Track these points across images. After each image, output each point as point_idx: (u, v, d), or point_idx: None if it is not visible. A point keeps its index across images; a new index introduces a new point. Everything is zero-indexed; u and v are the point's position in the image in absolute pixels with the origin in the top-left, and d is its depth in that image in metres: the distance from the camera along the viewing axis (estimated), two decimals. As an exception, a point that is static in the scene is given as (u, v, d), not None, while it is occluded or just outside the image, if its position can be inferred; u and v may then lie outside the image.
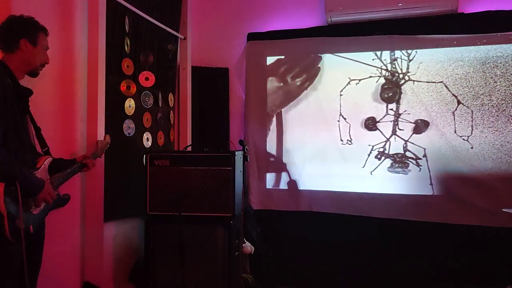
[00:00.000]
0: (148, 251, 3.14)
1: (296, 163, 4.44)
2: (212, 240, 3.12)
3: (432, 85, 4.04)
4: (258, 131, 4.53)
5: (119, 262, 3.43)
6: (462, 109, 3.95)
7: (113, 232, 3.38)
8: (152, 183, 3.19)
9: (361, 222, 4.13)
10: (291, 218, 4.37)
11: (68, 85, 2.93)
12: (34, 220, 2.14)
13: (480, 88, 3.91)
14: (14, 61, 2.17)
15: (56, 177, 2.31)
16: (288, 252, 4.32)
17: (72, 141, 2.97)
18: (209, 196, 3.13)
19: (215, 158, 3.16)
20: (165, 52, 4.06)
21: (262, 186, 4.49)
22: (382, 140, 4.17)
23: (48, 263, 2.40)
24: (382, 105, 4.19)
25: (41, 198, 2.15)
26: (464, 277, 3.74)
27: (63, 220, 2.75)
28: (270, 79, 4.53)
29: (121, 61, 3.40)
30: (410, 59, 4.12)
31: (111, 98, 3.25)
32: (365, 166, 4.21)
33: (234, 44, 4.67)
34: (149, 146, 3.70)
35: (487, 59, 3.89)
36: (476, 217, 3.81)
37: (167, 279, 3.10)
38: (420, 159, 4.05)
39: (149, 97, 3.69)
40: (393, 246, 4.04)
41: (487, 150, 3.87)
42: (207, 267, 3.10)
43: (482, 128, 3.89)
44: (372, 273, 4.06)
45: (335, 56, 4.34)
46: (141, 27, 3.67)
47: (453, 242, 3.90)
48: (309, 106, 4.41)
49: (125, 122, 3.43)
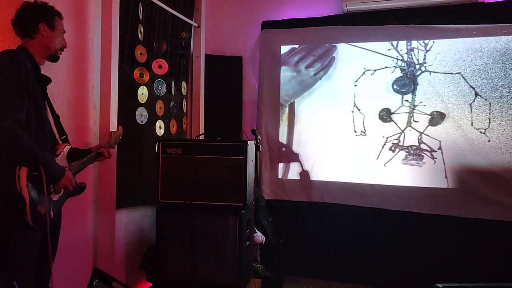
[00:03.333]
0: (160, 238, 3.15)
1: (308, 154, 4.41)
2: (223, 229, 3.11)
3: (449, 76, 3.96)
4: (271, 120, 4.50)
5: (130, 249, 3.46)
6: (480, 101, 3.87)
7: (125, 219, 3.41)
8: (164, 171, 3.18)
9: (374, 214, 4.12)
10: (302, 208, 4.37)
11: (81, 73, 2.92)
12: (53, 207, 2.16)
13: (499, 80, 3.82)
14: (34, 46, 2.18)
15: (74, 165, 2.32)
16: (299, 242, 4.32)
17: (85, 128, 2.97)
18: (221, 185, 3.11)
19: (228, 147, 3.13)
20: (179, 40, 4.03)
21: (274, 176, 4.48)
22: (397, 132, 4.12)
23: (62, 248, 2.42)
24: (397, 96, 4.12)
25: (62, 185, 2.17)
26: (476, 271, 3.70)
27: (76, 207, 2.76)
28: (284, 68, 4.49)
29: (134, 48, 3.39)
30: (427, 49, 4.04)
31: (124, 85, 3.24)
32: (379, 158, 4.16)
33: (248, 32, 4.64)
34: (161, 134, 3.70)
35: (507, 50, 3.80)
36: (492, 212, 3.76)
37: (178, 266, 3.10)
38: (435, 151, 4.00)
39: (162, 85, 3.68)
40: (405, 239, 4.02)
41: (504, 143, 3.80)
42: (218, 255, 3.10)
43: (500, 121, 3.82)
44: (382, 265, 4.05)
45: (350, 46, 4.28)
46: (154, 14, 3.65)
47: (466, 236, 3.86)
48: (322, 96, 4.37)
49: (137, 110, 3.42)
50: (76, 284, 2.88)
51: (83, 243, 2.98)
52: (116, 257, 3.19)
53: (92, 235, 3.06)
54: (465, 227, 3.85)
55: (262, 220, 3.98)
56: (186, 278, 3.03)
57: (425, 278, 3.29)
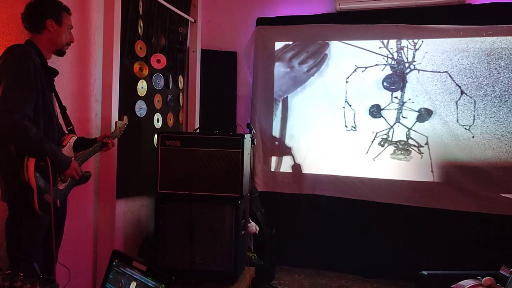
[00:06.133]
0: (158, 227, 3.25)
1: (300, 148, 4.55)
2: (220, 219, 3.22)
3: (436, 75, 4.12)
4: (264, 115, 4.62)
5: (129, 237, 3.57)
6: (465, 99, 4.04)
7: (124, 209, 3.51)
8: (163, 162, 3.27)
9: (363, 206, 4.27)
10: (294, 200, 4.50)
11: (84, 67, 3.00)
12: (60, 195, 2.26)
13: (484, 79, 3.99)
14: (41, 41, 2.25)
15: (80, 155, 2.41)
16: (290, 232, 4.47)
17: (87, 120, 3.05)
18: (218, 176, 3.22)
19: (225, 140, 3.24)
20: (176, 34, 4.12)
21: (267, 168, 4.60)
22: (386, 128, 4.27)
23: (64, 236, 2.51)
24: (387, 93, 4.27)
25: (68, 174, 2.26)
26: (459, 260, 3.88)
27: (78, 196, 2.85)
28: (278, 64, 4.61)
29: (134, 43, 3.47)
30: (416, 48, 4.19)
31: (125, 79, 3.32)
32: (368, 152, 4.32)
33: (243, 28, 4.73)
34: (159, 126, 3.80)
35: (492, 51, 3.96)
36: (475, 204, 3.94)
37: (176, 255, 3.21)
38: (422, 146, 4.16)
39: (160, 79, 3.77)
40: (392, 230, 4.18)
41: (488, 140, 3.98)
42: (214, 244, 3.21)
43: (484, 118, 3.99)
44: (371, 255, 4.21)
45: (343, 44, 4.41)
46: (153, 9, 3.73)
47: (451, 227, 4.04)
48: (315, 92, 4.49)
49: (137, 103, 3.51)
50: (77, 271, 2.99)
51: (85, 231, 3.08)
52: (115, 245, 3.29)
53: (93, 223, 3.16)
54: (449, 219, 4.03)
55: (255, 211, 4.11)
56: (184, 266, 3.14)
57: (412, 267, 3.44)
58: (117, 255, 1.75)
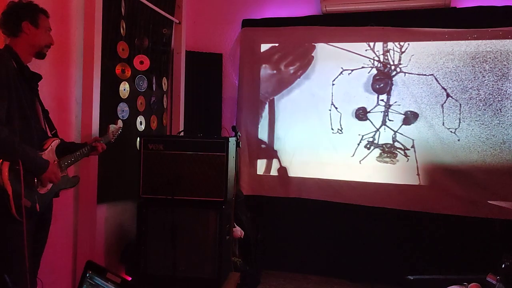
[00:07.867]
0: (140, 233, 3.18)
1: (286, 151, 4.51)
2: (204, 223, 3.16)
3: (422, 78, 4.11)
4: (250, 117, 4.57)
5: (110, 243, 3.48)
6: (451, 102, 4.04)
7: (105, 214, 3.42)
8: (146, 166, 3.20)
9: (349, 210, 4.23)
10: (280, 204, 4.46)
11: (63, 68, 2.92)
12: (40, 200, 2.18)
13: (469, 82, 4.00)
14: (19, 44, 2.22)
15: (65, 158, 2.36)
16: (276, 237, 4.42)
17: (67, 123, 2.97)
18: (202, 180, 3.16)
19: (209, 144, 3.18)
20: (160, 36, 4.05)
21: (253, 172, 4.55)
22: (372, 130, 4.25)
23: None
24: (373, 95, 4.26)
25: (46, 178, 2.19)
26: (447, 265, 3.87)
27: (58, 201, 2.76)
28: (264, 66, 4.56)
29: (116, 44, 3.39)
30: (402, 51, 4.18)
31: (106, 81, 3.24)
32: (355, 155, 4.30)
33: (228, 30, 4.69)
34: (142, 129, 3.72)
35: (477, 54, 3.97)
36: (460, 208, 3.94)
37: (158, 260, 3.14)
38: (408, 149, 4.15)
39: (143, 81, 3.69)
40: (379, 234, 4.16)
41: (473, 143, 3.98)
42: (198, 250, 3.14)
43: (469, 121, 4.00)
44: (357, 259, 4.19)
45: (329, 46, 4.38)
46: (136, 10, 3.66)
47: (436, 231, 4.03)
48: (301, 94, 4.46)
49: (119, 105, 3.43)
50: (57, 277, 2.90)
51: (65, 236, 3.00)
52: (96, 252, 3.21)
53: (72, 229, 3.07)
54: (435, 222, 4.02)
55: (240, 215, 4.06)
56: (166, 273, 3.06)
57: (397, 272, 3.42)
58: (91, 266, 1.69)
